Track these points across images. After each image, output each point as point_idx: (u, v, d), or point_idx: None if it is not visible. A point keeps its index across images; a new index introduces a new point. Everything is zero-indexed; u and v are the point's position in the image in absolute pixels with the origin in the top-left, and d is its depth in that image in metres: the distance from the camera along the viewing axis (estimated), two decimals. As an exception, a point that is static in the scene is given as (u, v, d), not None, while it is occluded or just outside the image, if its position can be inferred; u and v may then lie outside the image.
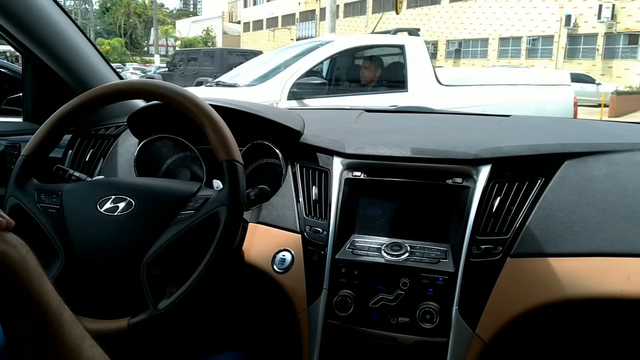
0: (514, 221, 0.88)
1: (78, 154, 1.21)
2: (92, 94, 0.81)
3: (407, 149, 0.98)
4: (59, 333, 0.48)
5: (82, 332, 0.51)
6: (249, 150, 1.07)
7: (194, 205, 0.75)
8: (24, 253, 0.49)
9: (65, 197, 0.78)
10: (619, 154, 0.98)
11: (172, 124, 1.07)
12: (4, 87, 1.90)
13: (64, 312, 0.49)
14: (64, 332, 0.48)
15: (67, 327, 0.48)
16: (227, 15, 56.28)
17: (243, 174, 0.73)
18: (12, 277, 0.46)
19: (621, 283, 0.80)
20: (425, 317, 0.85)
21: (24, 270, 0.48)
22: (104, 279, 0.75)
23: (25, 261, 0.48)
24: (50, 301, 0.48)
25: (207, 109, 0.75)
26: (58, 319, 0.48)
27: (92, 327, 0.71)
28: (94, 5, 53.64)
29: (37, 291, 0.48)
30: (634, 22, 19.95)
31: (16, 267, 0.47)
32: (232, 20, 55.07)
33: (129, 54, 43.47)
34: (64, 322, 0.48)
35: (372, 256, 0.90)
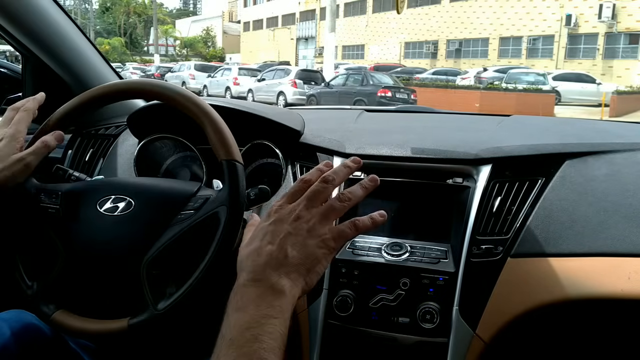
0: (515, 221, 0.88)
1: (78, 153, 1.21)
2: (92, 93, 0.81)
3: (408, 149, 0.98)
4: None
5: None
6: (249, 150, 1.07)
7: (194, 205, 0.74)
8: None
9: (65, 197, 0.78)
10: (620, 154, 0.98)
11: (172, 124, 1.07)
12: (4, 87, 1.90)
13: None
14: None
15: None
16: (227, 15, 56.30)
17: (243, 174, 0.73)
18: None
19: (621, 283, 0.80)
20: (426, 317, 0.84)
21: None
22: (104, 279, 0.75)
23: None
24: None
25: (207, 108, 0.75)
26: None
27: (92, 327, 0.71)
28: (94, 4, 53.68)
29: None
30: (635, 22, 19.96)
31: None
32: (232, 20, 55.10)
33: (129, 54, 43.50)
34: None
35: (373, 256, 0.90)
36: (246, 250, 0.59)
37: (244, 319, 0.52)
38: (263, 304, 0.53)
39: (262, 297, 0.53)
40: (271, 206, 0.61)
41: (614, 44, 21.00)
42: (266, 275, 0.55)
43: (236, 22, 52.18)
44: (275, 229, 0.58)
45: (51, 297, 0.73)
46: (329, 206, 0.60)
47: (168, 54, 49.73)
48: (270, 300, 0.53)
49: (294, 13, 38.10)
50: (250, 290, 0.54)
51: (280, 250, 0.56)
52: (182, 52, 50.96)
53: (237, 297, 0.54)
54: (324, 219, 0.59)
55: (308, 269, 0.57)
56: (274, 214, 0.60)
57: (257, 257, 0.56)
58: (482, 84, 15.87)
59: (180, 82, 19.03)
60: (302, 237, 0.57)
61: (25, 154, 0.76)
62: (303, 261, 0.57)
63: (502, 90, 13.84)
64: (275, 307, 0.53)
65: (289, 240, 0.57)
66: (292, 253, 0.56)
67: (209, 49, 51.02)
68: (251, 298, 0.53)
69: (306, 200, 0.59)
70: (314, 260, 0.57)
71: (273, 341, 0.51)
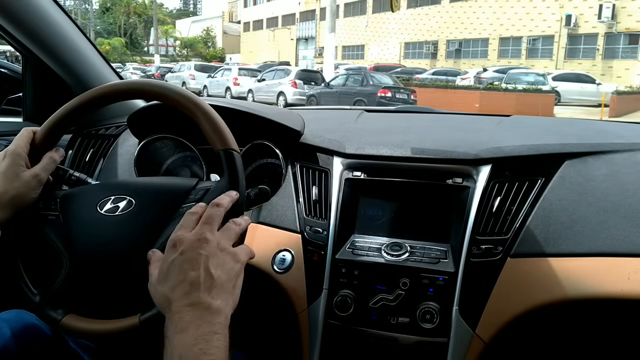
0: (514, 221, 0.88)
1: (78, 154, 1.21)
2: (92, 94, 0.81)
3: (407, 149, 0.98)
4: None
5: None
6: (249, 150, 1.07)
7: (194, 197, 0.74)
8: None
9: (64, 203, 0.78)
10: (619, 154, 0.98)
11: (172, 124, 1.07)
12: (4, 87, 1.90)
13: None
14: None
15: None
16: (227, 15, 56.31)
17: (241, 162, 0.73)
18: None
19: (621, 283, 0.80)
20: (426, 317, 0.85)
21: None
22: (110, 279, 0.75)
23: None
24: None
25: (200, 103, 0.75)
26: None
27: (104, 327, 0.71)
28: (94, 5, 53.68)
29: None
30: (635, 22, 19.96)
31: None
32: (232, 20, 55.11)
33: (129, 54, 43.48)
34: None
35: (372, 256, 0.90)
36: (166, 285, 0.60)
37: (188, 338, 0.54)
38: (204, 324, 0.55)
39: (201, 318, 0.56)
40: (169, 240, 0.62)
41: (613, 44, 21.00)
42: (200, 299, 0.57)
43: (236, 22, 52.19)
44: (190, 257, 0.60)
45: (58, 303, 0.73)
46: (228, 228, 0.65)
47: (168, 54, 49.72)
48: (210, 319, 0.56)
49: (294, 13, 38.10)
50: (187, 314, 0.56)
51: (206, 274, 0.59)
52: (182, 52, 50.96)
53: (173, 323, 0.56)
54: (229, 238, 0.64)
55: (233, 285, 0.61)
56: (179, 245, 0.61)
57: (185, 286, 0.58)
58: (481, 84, 15.86)
59: (181, 82, 19.03)
60: (218, 257, 0.61)
61: (39, 170, 0.77)
62: (227, 279, 0.60)
63: (502, 91, 13.83)
64: (216, 324, 0.56)
65: (210, 263, 0.60)
66: (217, 273, 0.59)
67: (209, 49, 51.02)
68: (190, 320, 0.55)
69: (205, 224, 0.63)
70: (235, 276, 0.61)
71: (221, 354, 0.54)
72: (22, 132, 0.80)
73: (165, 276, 0.60)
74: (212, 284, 0.58)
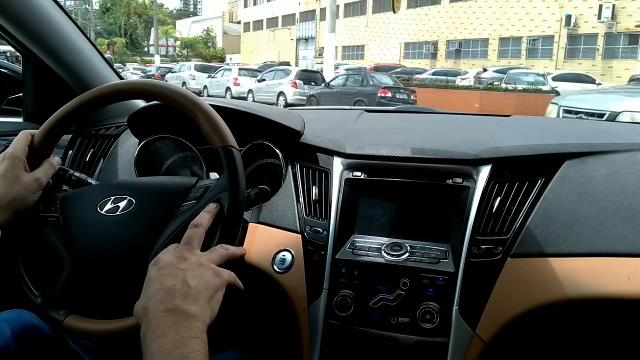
0: (514, 221, 0.88)
1: (78, 154, 1.21)
2: (92, 94, 0.81)
3: (407, 149, 0.98)
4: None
5: None
6: (249, 150, 1.07)
7: (194, 195, 0.74)
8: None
9: (64, 204, 0.78)
10: (619, 154, 0.98)
11: (173, 124, 1.07)
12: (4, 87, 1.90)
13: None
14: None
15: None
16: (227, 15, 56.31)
17: (240, 159, 0.73)
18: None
19: (621, 283, 0.80)
20: (426, 317, 0.85)
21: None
22: (111, 279, 0.75)
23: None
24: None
25: (199, 102, 0.75)
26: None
27: (105, 327, 0.71)
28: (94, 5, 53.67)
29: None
30: (634, 22, 19.96)
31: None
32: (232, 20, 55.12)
33: (129, 54, 43.47)
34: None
35: (372, 256, 0.90)
36: (144, 296, 0.61)
37: (167, 343, 0.54)
38: (182, 329, 0.55)
39: (179, 323, 0.56)
40: (152, 261, 0.64)
41: (613, 44, 21.00)
42: (176, 304, 0.57)
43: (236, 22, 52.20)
44: (170, 272, 0.61)
45: (60, 304, 0.73)
46: (215, 251, 0.67)
47: (168, 55, 49.72)
48: (187, 324, 0.56)
49: (294, 13, 38.10)
50: (165, 319, 0.56)
51: (183, 283, 0.60)
52: (182, 52, 50.98)
53: (151, 329, 0.56)
54: (212, 260, 0.65)
55: (210, 296, 0.61)
56: (158, 263, 0.63)
57: (162, 294, 0.59)
58: (481, 84, 15.85)
59: (181, 82, 19.04)
60: (196, 270, 0.62)
61: (40, 174, 0.78)
62: (205, 289, 0.61)
63: (502, 91, 13.82)
64: (194, 328, 0.56)
65: (188, 274, 0.61)
66: (193, 283, 0.60)
67: (209, 49, 51.04)
68: (167, 326, 0.56)
69: (185, 245, 0.65)
70: (213, 289, 0.62)
71: (202, 357, 0.54)
72: (20, 135, 0.80)
73: (144, 291, 0.61)
74: (189, 291, 0.59)
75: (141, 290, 0.64)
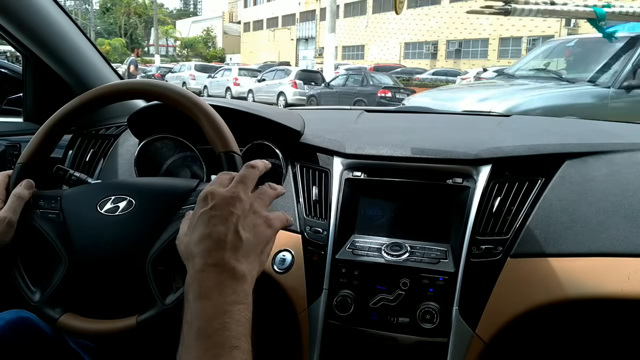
0: (514, 221, 0.88)
1: (78, 154, 1.21)
2: (92, 94, 0.81)
3: (408, 149, 0.98)
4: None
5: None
6: (249, 150, 1.07)
7: (194, 199, 0.75)
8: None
9: (64, 202, 0.78)
10: (619, 154, 0.98)
11: (173, 124, 1.07)
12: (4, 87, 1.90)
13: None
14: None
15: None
16: (227, 15, 56.33)
17: (242, 164, 0.73)
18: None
19: (621, 283, 0.80)
20: (426, 317, 0.85)
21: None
22: (109, 279, 0.75)
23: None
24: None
25: (202, 104, 0.75)
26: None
27: (100, 327, 0.71)
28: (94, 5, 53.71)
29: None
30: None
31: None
32: (232, 20, 55.13)
33: (130, 54, 43.50)
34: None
35: (373, 256, 0.90)
36: (192, 237, 0.56)
37: (209, 307, 0.51)
38: (226, 291, 0.52)
39: (224, 284, 0.52)
40: (202, 192, 0.59)
41: (613, 44, 20.97)
42: (225, 259, 0.53)
43: (236, 22, 52.22)
44: (221, 213, 0.56)
45: (56, 302, 0.73)
46: (263, 191, 0.62)
47: (168, 55, 49.75)
48: (233, 285, 0.52)
49: (294, 13, 38.11)
50: (210, 276, 0.52)
51: (234, 233, 0.55)
52: (182, 52, 51.02)
53: (195, 284, 0.52)
54: (262, 202, 0.61)
55: (261, 250, 0.57)
56: (211, 199, 0.57)
57: (210, 242, 0.54)
58: (482, 84, 15.83)
59: (181, 82, 19.03)
60: (250, 218, 0.57)
61: (6, 213, 0.73)
62: (257, 242, 0.57)
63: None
64: (239, 292, 0.52)
65: (240, 222, 0.56)
66: (245, 235, 0.55)
67: (209, 49, 51.08)
68: (212, 285, 0.52)
69: (240, 183, 0.60)
70: (265, 240, 0.58)
71: (242, 327, 0.51)
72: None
73: (193, 228, 0.57)
74: (239, 245, 0.54)
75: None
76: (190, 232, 0.57)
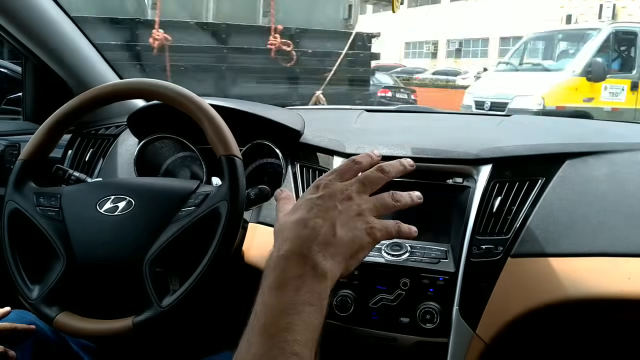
0: (515, 221, 0.88)
1: (78, 153, 1.21)
2: (91, 94, 0.81)
3: (408, 149, 0.98)
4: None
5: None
6: (249, 150, 1.07)
7: (194, 201, 0.75)
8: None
9: (64, 200, 0.78)
10: (620, 154, 0.98)
11: (172, 124, 1.07)
12: (3, 87, 1.90)
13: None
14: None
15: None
16: (228, 15, 56.20)
17: (242, 169, 0.73)
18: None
19: (621, 283, 0.80)
20: (426, 317, 0.84)
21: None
22: (106, 279, 0.75)
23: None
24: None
25: (204, 105, 0.75)
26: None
27: (96, 327, 0.71)
28: (94, 4, 53.63)
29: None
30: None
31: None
32: (232, 20, 54.99)
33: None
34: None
35: (372, 256, 0.90)
36: (289, 218, 0.54)
37: (281, 301, 0.48)
38: (303, 288, 0.48)
39: (304, 279, 0.49)
40: (319, 179, 0.57)
41: (614, 43, 20.98)
42: (312, 251, 0.50)
43: (236, 22, 52.13)
44: (325, 204, 0.54)
45: (53, 300, 0.73)
46: (381, 198, 0.58)
47: (168, 54, 49.70)
48: (312, 284, 0.49)
49: (294, 13, 38.08)
50: (292, 265, 0.50)
51: (330, 227, 0.52)
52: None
53: (276, 271, 0.50)
54: (374, 209, 0.57)
55: (352, 255, 0.53)
56: (323, 188, 0.55)
57: (302, 229, 0.52)
58: (482, 84, 15.84)
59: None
60: (352, 219, 0.54)
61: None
62: (350, 244, 0.53)
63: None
64: (315, 293, 0.49)
65: (339, 219, 0.53)
66: (340, 232, 0.52)
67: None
68: (291, 276, 0.49)
69: (359, 183, 0.57)
70: (359, 246, 0.54)
71: (309, 333, 0.48)
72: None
73: (293, 211, 0.55)
74: (331, 241, 0.52)
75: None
76: (290, 214, 0.55)
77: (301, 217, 0.53)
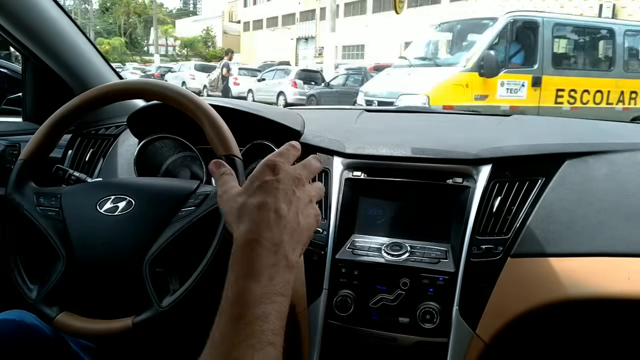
0: (515, 221, 0.88)
1: (78, 153, 1.21)
2: (91, 94, 0.81)
3: (407, 149, 0.98)
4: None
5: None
6: (249, 150, 1.07)
7: (194, 201, 0.75)
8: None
9: (64, 200, 0.78)
10: (620, 154, 0.98)
11: (172, 124, 1.07)
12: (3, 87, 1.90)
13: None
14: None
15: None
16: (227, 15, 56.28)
17: (242, 169, 0.73)
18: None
19: (621, 283, 0.80)
20: (426, 317, 0.84)
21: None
22: (106, 279, 0.75)
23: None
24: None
25: (204, 106, 0.75)
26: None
27: (96, 327, 0.71)
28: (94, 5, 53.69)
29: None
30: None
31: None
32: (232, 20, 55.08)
33: (129, 54, 43.49)
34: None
35: (373, 256, 0.90)
36: (251, 199, 0.52)
37: (256, 291, 0.47)
38: (277, 278, 0.48)
39: (277, 270, 0.49)
40: (269, 160, 0.55)
41: (613, 43, 20.99)
42: (284, 242, 0.50)
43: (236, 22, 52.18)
44: (285, 189, 0.52)
45: (53, 300, 0.73)
46: (319, 187, 0.59)
47: (168, 54, 49.75)
48: (284, 274, 0.49)
49: (294, 13, 38.08)
50: (267, 255, 0.49)
51: (294, 215, 0.52)
52: (182, 52, 51.02)
53: (254, 256, 0.48)
54: (317, 196, 0.58)
55: (305, 242, 0.54)
56: (277, 171, 0.53)
57: (272, 215, 0.50)
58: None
59: (181, 82, 18.99)
60: (307, 206, 0.54)
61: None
62: (307, 232, 0.53)
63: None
64: (286, 283, 0.49)
65: (300, 206, 0.53)
66: (302, 221, 0.53)
67: (209, 49, 51.07)
68: (265, 265, 0.48)
69: (305, 170, 0.57)
70: (310, 232, 0.54)
71: (279, 321, 0.48)
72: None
73: (253, 191, 0.52)
74: (296, 229, 0.51)
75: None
76: (247, 194, 0.53)
77: (265, 201, 0.51)
